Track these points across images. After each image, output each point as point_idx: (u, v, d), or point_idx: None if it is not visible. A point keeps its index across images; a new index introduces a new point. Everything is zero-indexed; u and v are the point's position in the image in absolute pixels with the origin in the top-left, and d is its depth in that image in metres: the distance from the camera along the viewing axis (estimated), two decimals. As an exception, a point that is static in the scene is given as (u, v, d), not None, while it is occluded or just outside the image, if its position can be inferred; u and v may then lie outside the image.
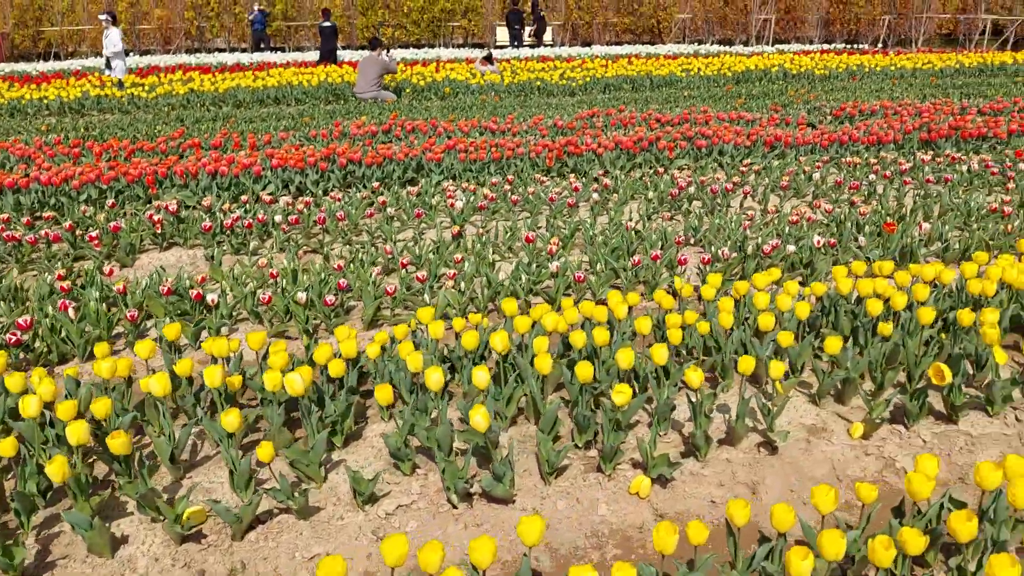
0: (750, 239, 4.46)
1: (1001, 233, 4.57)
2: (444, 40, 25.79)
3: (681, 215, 5.52)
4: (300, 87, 12.37)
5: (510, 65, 14.88)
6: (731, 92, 12.13)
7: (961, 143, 7.60)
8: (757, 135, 7.50)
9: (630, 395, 2.36)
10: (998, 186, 6.10)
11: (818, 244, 4.19)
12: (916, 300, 3.06)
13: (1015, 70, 14.48)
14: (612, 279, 4.12)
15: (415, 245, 4.61)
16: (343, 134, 8.16)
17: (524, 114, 9.94)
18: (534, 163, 6.94)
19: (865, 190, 5.90)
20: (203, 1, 24.19)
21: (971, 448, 2.65)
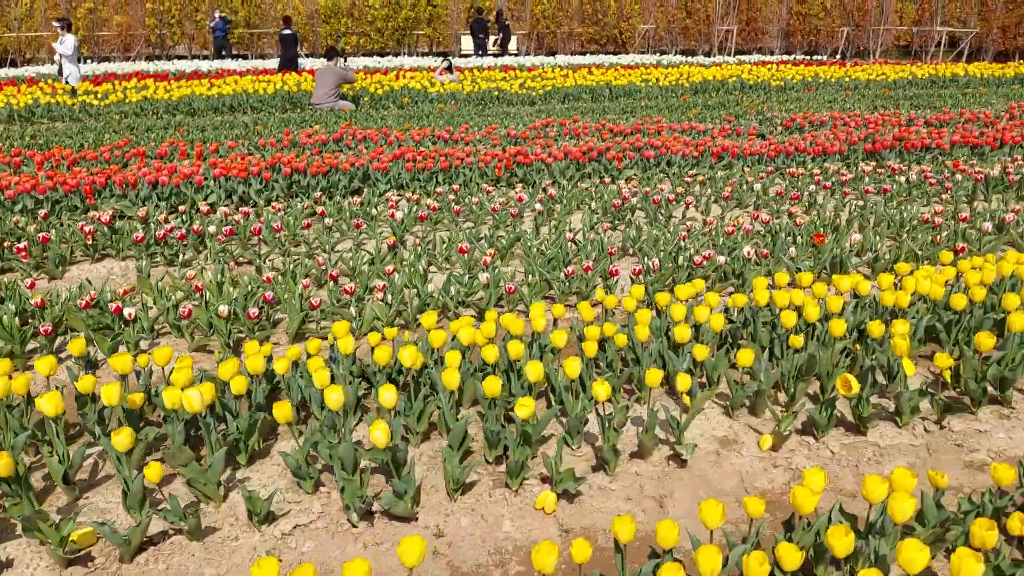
0: (684, 250, 4.48)
1: (930, 244, 4.64)
2: (409, 49, 25.75)
3: (625, 225, 5.54)
4: (256, 95, 12.25)
5: (471, 74, 14.88)
6: (687, 103, 12.24)
7: (905, 154, 7.74)
8: (705, 146, 7.57)
9: (533, 409, 2.34)
10: (936, 197, 6.21)
11: (749, 255, 4.22)
12: (830, 312, 3.09)
13: (966, 82, 14.80)
14: (546, 290, 4.12)
15: (352, 256, 4.56)
16: (292, 143, 8.09)
17: (480, 123, 9.94)
18: (483, 173, 6.93)
19: (806, 201, 5.96)
20: (164, 8, 23.91)
21: (879, 459, 2.68)
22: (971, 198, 6.23)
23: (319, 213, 5.22)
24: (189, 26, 24.13)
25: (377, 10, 24.97)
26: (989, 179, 6.34)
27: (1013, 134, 8.00)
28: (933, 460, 2.69)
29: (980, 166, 7.11)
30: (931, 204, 6.07)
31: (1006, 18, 23.05)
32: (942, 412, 2.80)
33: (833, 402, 2.71)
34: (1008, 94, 13.10)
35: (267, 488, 2.45)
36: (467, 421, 2.57)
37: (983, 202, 6.14)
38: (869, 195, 6.12)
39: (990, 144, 7.87)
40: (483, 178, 6.90)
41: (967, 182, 6.33)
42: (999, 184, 6.37)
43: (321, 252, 4.93)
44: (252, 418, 2.51)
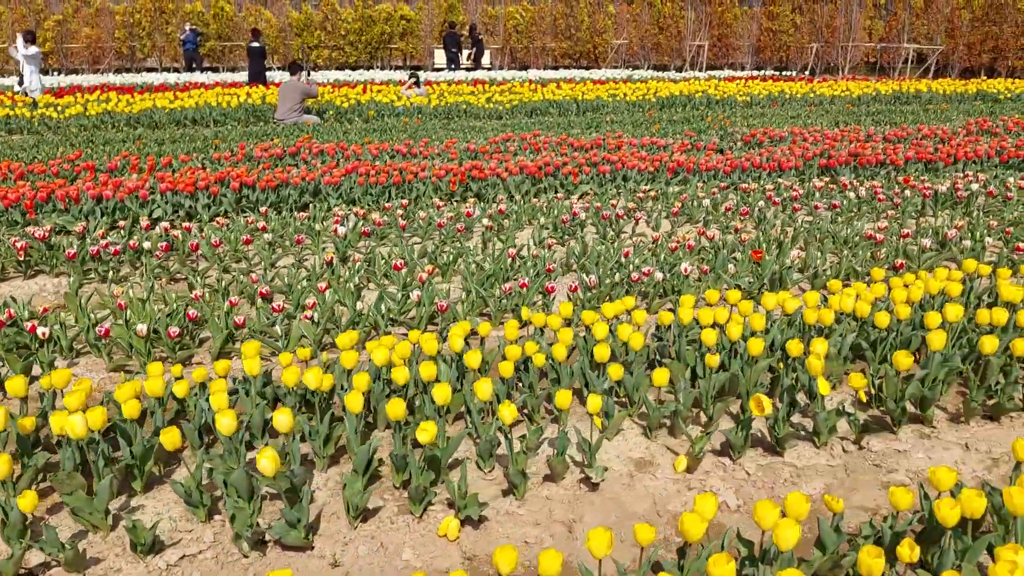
0: (624, 267, 4.45)
1: (870, 260, 4.64)
2: (382, 62, 25.73)
3: (574, 241, 5.51)
4: (219, 108, 12.15)
5: (438, 88, 14.86)
6: (652, 117, 12.28)
7: (859, 170, 7.78)
8: (661, 161, 7.57)
9: (434, 433, 2.28)
10: (885, 213, 6.23)
11: (686, 272, 4.19)
12: (754, 330, 3.06)
13: (928, 98, 14.98)
14: (482, 307, 4.06)
15: (290, 273, 4.49)
16: (247, 157, 8.00)
17: (443, 137, 9.91)
18: (437, 188, 6.89)
19: (756, 216, 5.96)
20: (134, 20, 23.74)
21: (795, 480, 2.64)
22: (920, 214, 6.27)
23: (260, 228, 5.14)
24: (160, 38, 23.96)
25: (350, 24, 24.95)
26: (938, 195, 6.38)
27: (966, 150, 8.08)
28: (851, 481, 2.66)
29: (932, 182, 7.16)
30: (880, 220, 6.09)
31: (971, 35, 23.43)
32: (860, 432, 2.77)
33: (750, 423, 2.68)
34: (968, 110, 13.27)
35: (161, 516, 2.36)
36: (375, 445, 2.51)
37: (932, 218, 6.17)
38: (819, 211, 6.13)
39: (944, 160, 7.94)
40: (437, 193, 6.85)
41: (916, 198, 6.36)
42: (948, 200, 6.41)
43: (262, 268, 4.85)
44: (147, 443, 2.42)
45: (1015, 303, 3.37)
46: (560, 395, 2.49)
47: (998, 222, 5.42)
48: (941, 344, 2.85)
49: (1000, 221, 5.60)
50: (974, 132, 9.89)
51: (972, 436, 2.90)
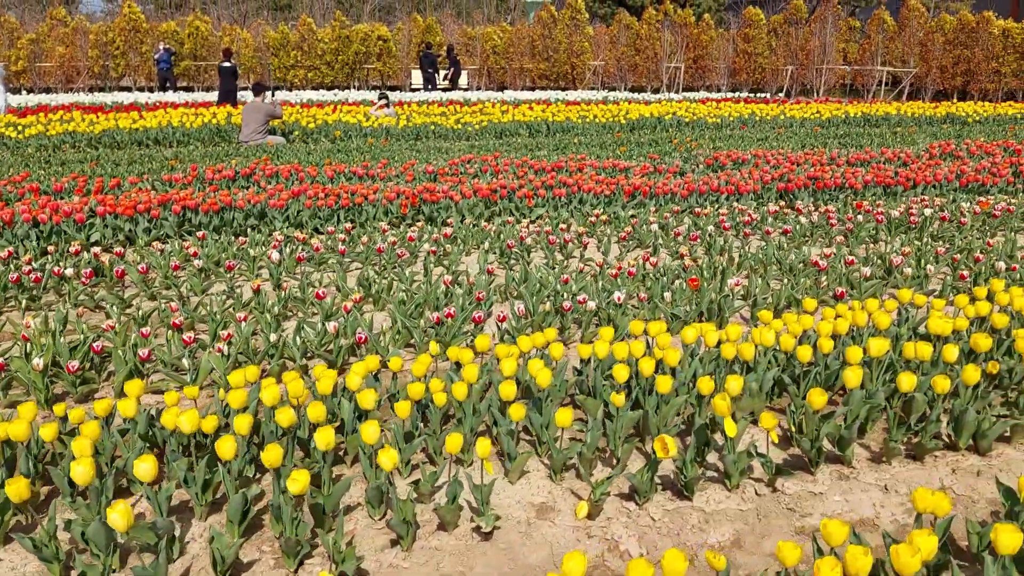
0: (561, 294, 4.33)
1: (810, 288, 4.55)
2: (359, 82, 25.68)
3: (521, 266, 5.39)
4: (182, 128, 12.00)
5: (408, 108, 14.79)
6: (620, 139, 12.25)
7: (818, 193, 7.73)
8: (617, 184, 7.49)
9: (305, 482, 2.13)
10: (837, 238, 6.17)
11: (619, 300, 4.08)
12: (667, 365, 2.94)
13: (898, 120, 15.05)
14: (408, 338, 3.93)
15: (217, 300, 4.34)
16: (198, 178, 7.86)
17: (406, 158, 9.81)
18: (387, 210, 6.76)
19: (707, 242, 5.87)
20: (108, 39, 23.59)
21: (703, 526, 2.51)
22: (873, 239, 6.20)
23: (192, 254, 4.99)
24: (134, 58, 23.81)
25: (327, 44, 24.91)
26: (891, 220, 6.33)
27: (926, 174, 8.05)
28: (763, 526, 2.53)
29: (890, 206, 7.11)
30: (833, 246, 6.02)
31: (944, 59, 23.67)
32: (774, 474, 2.64)
33: (656, 465, 2.55)
34: (936, 133, 13.33)
35: (16, 571, 2.20)
36: (254, 493, 2.36)
37: (885, 243, 6.10)
38: (770, 236, 6.05)
39: (903, 184, 7.91)
40: (387, 216, 6.73)
41: (869, 223, 6.30)
42: (901, 225, 6.35)
43: (193, 296, 4.70)
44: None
45: (945, 335, 3.27)
46: (450, 439, 2.35)
47: (946, 248, 5.35)
48: (857, 381, 2.74)
49: (949, 247, 5.54)
50: (936, 155, 9.90)
51: (892, 477, 2.78)
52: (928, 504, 2.02)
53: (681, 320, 4.17)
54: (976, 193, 8.01)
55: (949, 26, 23.70)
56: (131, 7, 24.23)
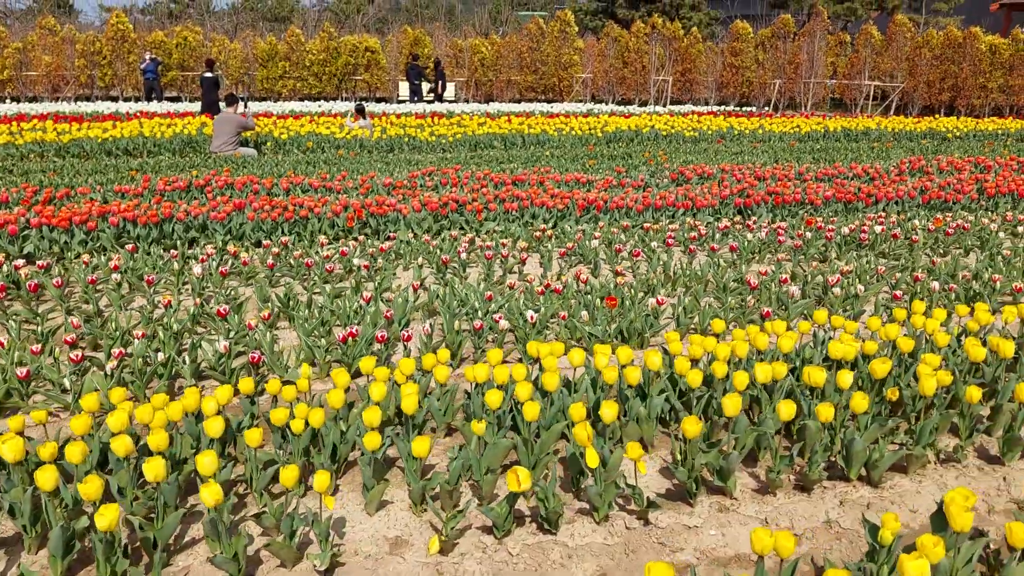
0: (479, 311, 4.22)
1: (736, 308, 4.43)
2: (347, 93, 25.65)
3: (458, 281, 5.28)
4: (152, 139, 11.92)
5: (384, 120, 14.73)
6: (592, 152, 12.17)
7: (776, 209, 7.63)
8: (571, 198, 7.39)
9: (112, 518, 2.02)
10: (777, 256, 6.06)
11: (532, 320, 3.96)
12: (545, 389, 2.83)
13: (877, 135, 14.97)
14: (312, 358, 3.81)
15: (129, 316, 4.23)
16: (149, 189, 7.76)
17: (371, 170, 9.73)
18: (333, 223, 6.66)
19: (657, 259, 5.76)
20: (94, 49, 23.56)
21: (565, 562, 2.39)
22: (823, 257, 6.10)
23: (113, 267, 4.88)
24: (121, 67, 23.77)
25: (315, 55, 24.88)
26: (841, 237, 6.22)
27: (887, 190, 7.96)
28: (630, 562, 2.41)
29: (845, 223, 7.00)
30: (774, 264, 5.91)
31: (931, 74, 23.62)
32: (646, 507, 2.52)
33: (516, 497, 2.43)
34: (913, 148, 13.24)
35: None
36: (81, 525, 2.24)
37: (828, 261, 5.99)
38: (716, 252, 5.94)
39: (864, 200, 7.81)
40: (333, 229, 6.63)
41: (819, 240, 6.20)
42: (852, 242, 6.25)
43: (118, 311, 4.59)
44: None
45: (849, 360, 3.16)
46: (285, 471, 2.23)
47: (887, 268, 5.23)
48: (736, 408, 2.63)
49: (892, 266, 5.42)
50: (905, 171, 9.80)
51: (776, 510, 2.66)
52: (766, 545, 1.90)
53: (598, 340, 4.06)
54: (939, 210, 7.91)
55: (936, 41, 23.67)
56: (119, 17, 24.22)
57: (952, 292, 4.77)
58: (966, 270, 5.20)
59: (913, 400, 3.09)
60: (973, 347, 3.09)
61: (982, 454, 3.03)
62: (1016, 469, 2.91)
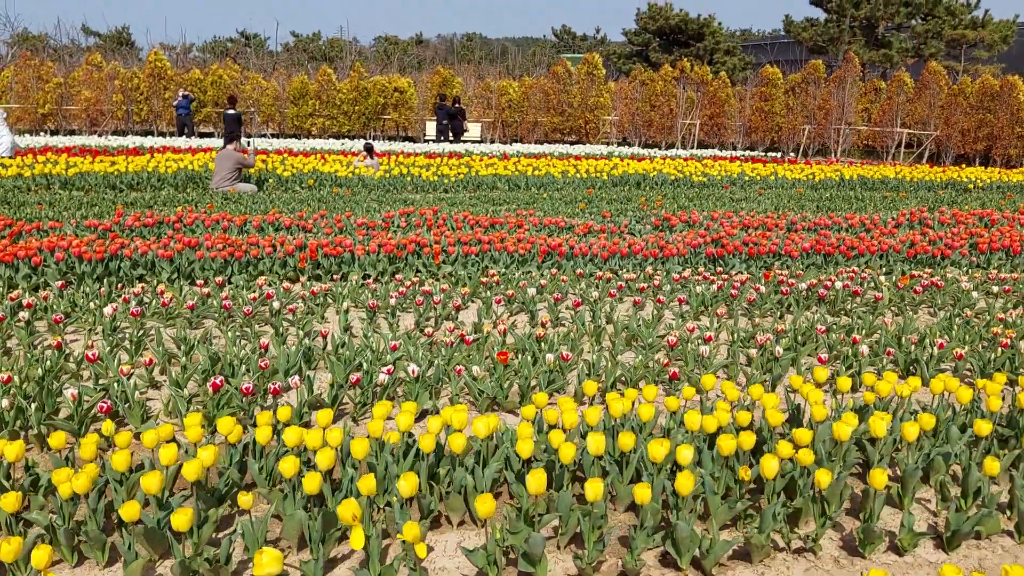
0: (371, 365, 4.06)
1: (649, 368, 4.19)
2: (375, 132, 25.99)
3: (388, 327, 5.14)
4: (156, 173, 12.12)
5: (390, 160, 14.80)
6: (592, 196, 12.01)
7: (751, 260, 7.36)
8: (533, 244, 7.23)
9: None
10: (718, 309, 5.79)
11: (414, 373, 3.79)
12: (355, 459, 2.64)
13: (895, 184, 14.54)
14: (177, 408, 3.68)
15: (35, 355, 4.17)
16: (119, 225, 7.81)
17: (365, 209, 9.70)
18: (284, 263, 6.60)
19: (604, 310, 5.55)
20: (132, 85, 24.32)
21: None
22: (781, 312, 5.81)
23: (26, 305, 4.85)
24: (157, 103, 24.47)
25: (345, 94, 25.31)
26: (799, 292, 5.93)
27: (871, 243, 7.63)
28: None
29: (811, 277, 6.70)
30: (721, 320, 5.65)
31: (966, 122, 23.03)
32: (430, 592, 2.31)
33: None
34: (928, 198, 12.80)
35: None
36: None
37: (771, 318, 5.71)
38: (662, 304, 5.70)
39: (844, 253, 7.49)
40: (284, 269, 6.56)
41: (775, 294, 5.92)
42: (810, 298, 5.95)
43: (27, 351, 4.55)
44: None
45: (711, 432, 2.91)
46: (6, 544, 2.08)
47: (828, 328, 4.93)
48: (539, 487, 2.40)
49: (836, 326, 5.12)
50: (904, 223, 9.43)
51: (585, 600, 2.42)
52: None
53: (488, 397, 3.86)
54: (926, 265, 7.55)
55: (971, 89, 23.10)
56: (157, 55, 25.01)
57: (889, 356, 4.46)
58: (914, 333, 4.88)
59: (758, 480, 2.82)
60: (840, 426, 2.82)
61: (847, 544, 2.74)
62: (877, 563, 2.62)
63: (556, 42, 57.30)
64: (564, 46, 55.49)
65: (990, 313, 5.56)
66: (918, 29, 29.82)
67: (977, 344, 4.84)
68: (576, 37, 56.76)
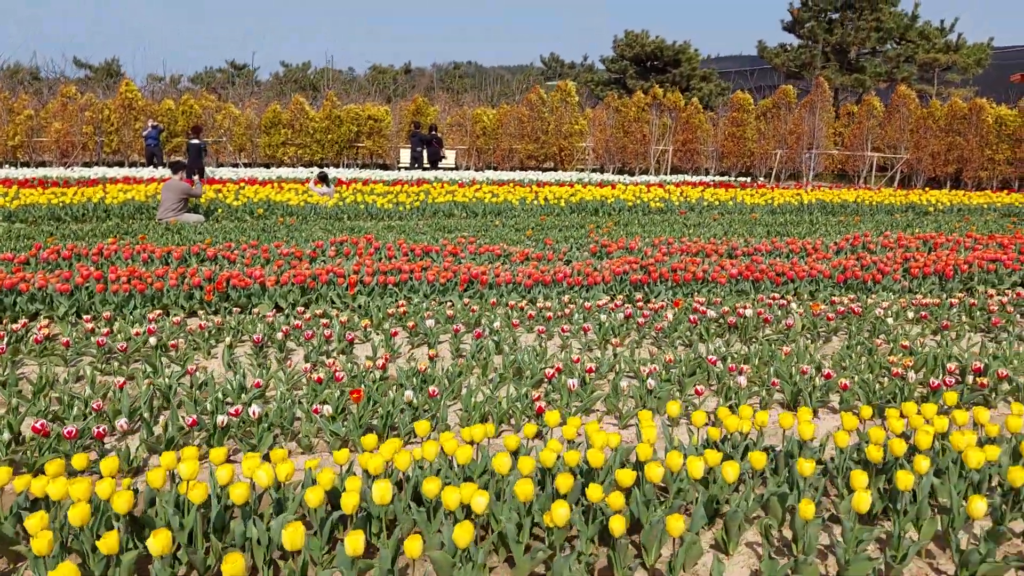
0: (217, 405, 3.88)
1: (504, 402, 4.02)
2: (348, 160, 25.97)
3: (275, 363, 4.97)
4: (102, 204, 11.99)
5: (347, 188, 14.69)
6: (544, 222, 11.90)
7: (676, 287, 7.21)
8: (455, 272, 7.08)
9: None
10: (613, 340, 5.63)
11: (255, 415, 3.60)
12: (190, 502, 2.46)
13: (854, 209, 14.47)
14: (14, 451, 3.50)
15: None
16: (35, 256, 7.64)
17: (312, 238, 9.52)
18: (191, 295, 6.43)
19: (498, 339, 5.39)
20: (103, 116, 24.28)
21: None
22: (689, 341, 5.65)
23: None
24: (127, 134, 24.42)
25: (318, 122, 25.31)
26: (708, 320, 5.78)
27: (801, 269, 7.49)
28: None
29: (731, 303, 6.56)
30: (607, 349, 5.49)
31: (936, 145, 23.09)
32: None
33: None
34: (885, 222, 12.71)
35: None
36: None
37: (701, 344, 5.55)
38: (566, 334, 5.54)
39: (773, 279, 7.36)
40: (190, 301, 6.39)
41: (681, 322, 5.76)
42: (719, 326, 5.80)
43: None
44: None
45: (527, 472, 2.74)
46: None
47: (719, 356, 4.77)
48: (297, 540, 2.22)
49: (737, 355, 4.96)
50: (845, 248, 9.32)
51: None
52: None
53: (340, 439, 3.68)
54: (857, 291, 7.41)
55: (941, 113, 23.19)
56: (128, 85, 25.01)
57: (775, 387, 4.30)
58: (806, 363, 4.71)
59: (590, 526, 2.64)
60: (652, 467, 2.65)
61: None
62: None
63: (544, 69, 57.65)
64: (553, 73, 55.83)
65: (898, 340, 5.41)
66: (890, 54, 30.03)
67: (876, 373, 4.69)
68: (564, 65, 57.12)
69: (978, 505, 2.52)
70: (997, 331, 6.01)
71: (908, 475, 2.68)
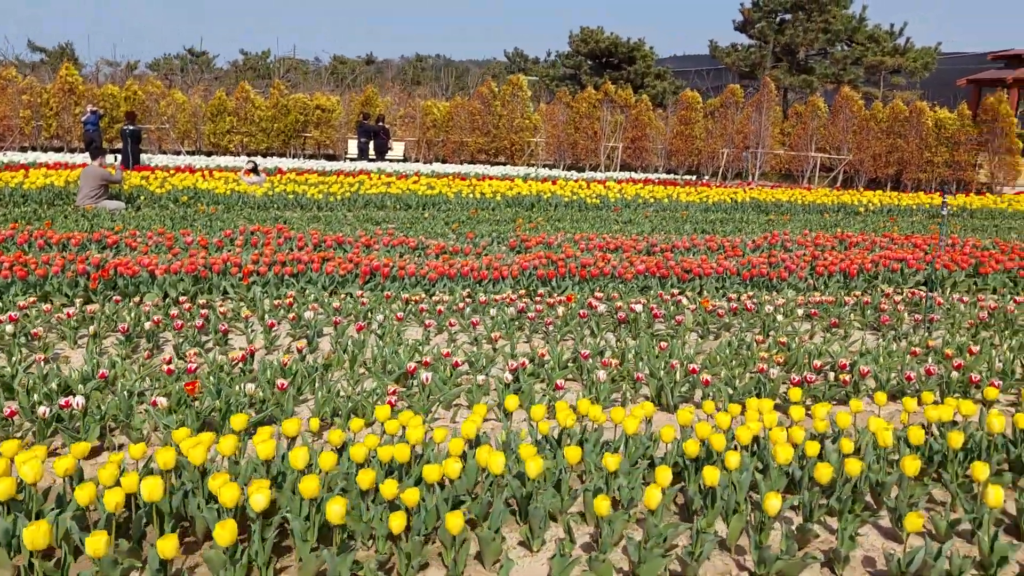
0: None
1: (351, 395, 3.92)
2: (295, 150, 25.59)
3: (151, 354, 4.81)
4: (19, 190, 11.62)
5: (277, 178, 14.44)
6: (476, 216, 11.81)
7: (583, 282, 7.18)
8: (356, 264, 6.96)
9: None
10: (537, 333, 5.58)
11: (76, 406, 3.47)
12: None
13: (786, 208, 14.60)
14: None
15: None
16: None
17: (229, 227, 9.21)
18: (75, 282, 6.22)
19: (384, 333, 5.29)
20: (41, 100, 23.61)
21: None
22: (582, 336, 5.60)
23: None
24: (67, 119, 23.77)
25: (264, 111, 24.89)
26: (598, 316, 5.75)
27: (708, 266, 7.50)
28: None
29: (631, 299, 6.54)
30: (530, 340, 5.44)
31: (877, 146, 23.43)
32: None
33: None
34: (813, 221, 12.83)
35: None
36: None
37: (591, 339, 5.50)
38: (453, 328, 5.46)
39: (680, 275, 7.35)
40: (74, 288, 6.19)
41: (573, 317, 5.72)
42: (609, 320, 5.77)
43: None
44: None
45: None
46: None
47: (599, 352, 4.73)
48: (40, 542, 2.10)
49: (617, 349, 4.92)
50: (763, 246, 9.37)
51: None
52: None
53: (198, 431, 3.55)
54: (764, 288, 7.45)
55: (882, 115, 23.56)
56: (68, 69, 24.36)
57: (640, 382, 4.27)
58: (679, 359, 4.68)
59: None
60: (449, 463, 2.58)
61: (450, 595, 2.49)
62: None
63: (508, 64, 57.47)
64: (515, 68, 55.66)
65: (777, 336, 5.42)
66: (838, 55, 30.42)
67: (747, 369, 4.68)
68: (528, 60, 57.00)
69: (772, 502, 2.49)
70: (885, 329, 6.06)
71: (715, 471, 2.64)
